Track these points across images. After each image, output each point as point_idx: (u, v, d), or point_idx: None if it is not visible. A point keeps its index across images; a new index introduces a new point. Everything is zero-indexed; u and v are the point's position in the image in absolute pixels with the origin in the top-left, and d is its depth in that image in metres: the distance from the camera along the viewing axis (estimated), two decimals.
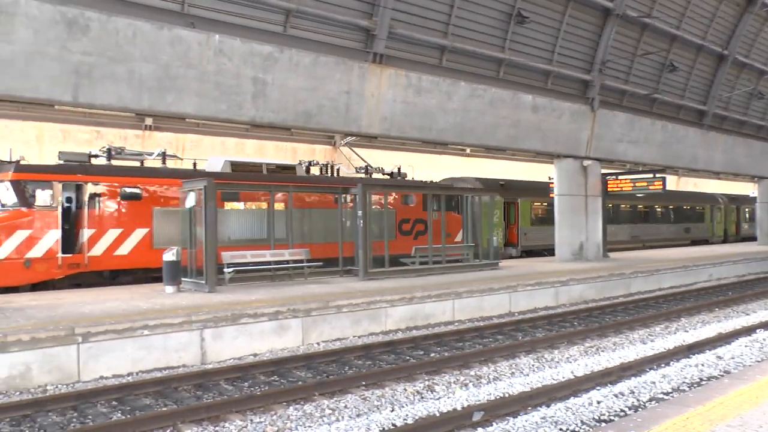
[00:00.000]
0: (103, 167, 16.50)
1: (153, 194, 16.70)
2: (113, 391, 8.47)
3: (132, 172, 16.80)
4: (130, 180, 16.43)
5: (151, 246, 16.39)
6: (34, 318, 10.42)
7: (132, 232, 16.21)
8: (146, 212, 16.47)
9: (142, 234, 16.32)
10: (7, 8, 11.69)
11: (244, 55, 14.56)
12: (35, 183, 15.01)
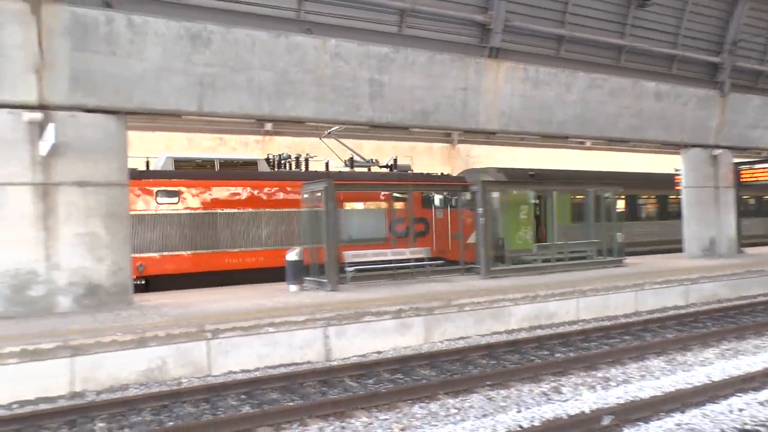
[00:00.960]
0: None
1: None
2: (242, 386, 8.75)
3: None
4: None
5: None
6: (167, 315, 11.01)
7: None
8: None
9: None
10: (139, 28, 12.42)
11: (360, 57, 14.73)
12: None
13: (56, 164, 11.95)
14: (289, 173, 19.21)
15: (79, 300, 12.10)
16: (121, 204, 12.79)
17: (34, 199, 11.78)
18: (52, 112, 11.83)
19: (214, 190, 17.28)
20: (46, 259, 11.84)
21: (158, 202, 16.53)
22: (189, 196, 16.97)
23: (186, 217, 16.81)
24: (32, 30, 11.62)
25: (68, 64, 11.95)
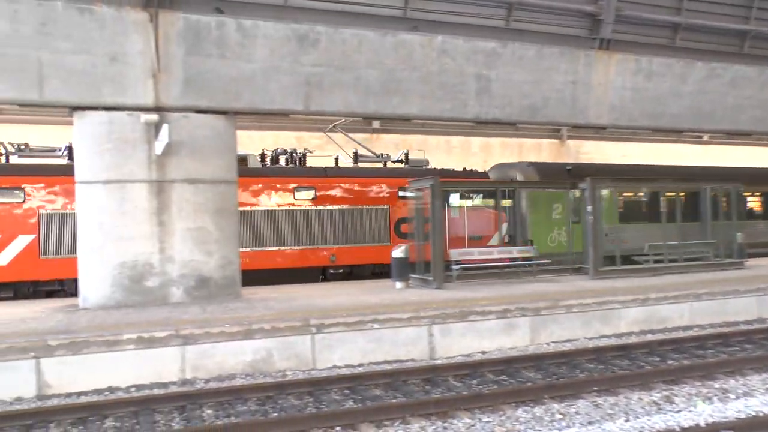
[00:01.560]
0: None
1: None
2: (345, 380, 8.81)
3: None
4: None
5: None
6: (273, 309, 11.28)
7: None
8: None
9: None
10: (248, 32, 12.81)
11: (467, 53, 14.57)
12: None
13: (170, 162, 12.53)
14: (281, 169, 18.42)
15: (190, 291, 12.64)
16: (229, 200, 13.25)
17: (150, 195, 12.40)
18: (167, 113, 12.42)
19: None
20: (160, 252, 12.44)
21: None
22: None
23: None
24: (150, 37, 12.23)
25: (182, 67, 12.51)
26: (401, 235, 18.05)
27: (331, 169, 18.44)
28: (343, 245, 17.76)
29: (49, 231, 15.07)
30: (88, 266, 12.40)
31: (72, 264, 14.33)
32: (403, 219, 18.11)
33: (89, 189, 12.36)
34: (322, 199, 17.65)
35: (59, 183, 15.18)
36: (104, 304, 12.21)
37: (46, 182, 15.18)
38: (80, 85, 11.95)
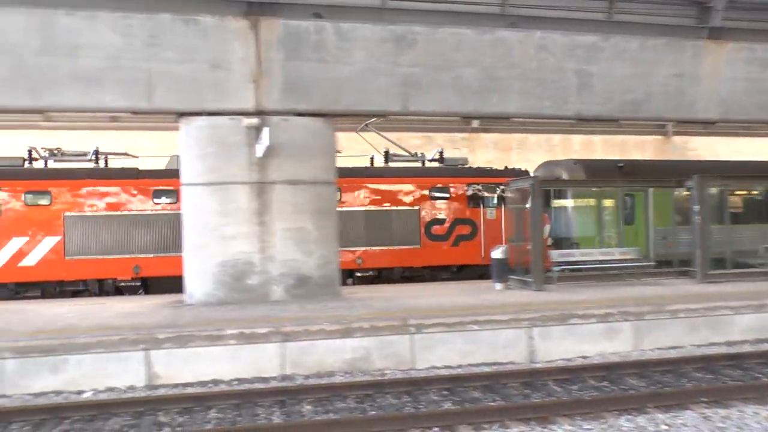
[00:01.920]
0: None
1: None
2: (444, 381, 8.76)
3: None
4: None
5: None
6: (372, 308, 11.37)
7: None
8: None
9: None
10: (346, 35, 13.00)
11: (566, 48, 14.21)
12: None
13: (270, 164, 12.86)
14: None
15: (290, 290, 12.94)
16: (328, 201, 13.49)
17: (251, 196, 12.79)
18: (267, 117, 12.76)
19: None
20: (261, 251, 12.80)
21: (154, 202, 16.51)
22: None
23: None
24: (251, 44, 12.65)
25: (281, 72, 12.84)
26: (432, 238, 17.61)
27: (357, 170, 18.01)
28: (370, 248, 17.47)
29: (74, 232, 15.82)
30: (192, 264, 12.95)
31: (94, 265, 15.93)
32: (435, 220, 17.64)
33: (193, 190, 12.90)
34: (347, 199, 17.37)
35: (84, 186, 15.97)
36: (207, 301, 12.70)
37: (71, 185, 15.92)
38: (185, 92, 12.51)
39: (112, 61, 12.04)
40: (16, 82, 11.84)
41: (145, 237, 16.24)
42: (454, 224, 17.88)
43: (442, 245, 17.53)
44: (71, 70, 11.99)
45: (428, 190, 17.90)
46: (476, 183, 18.08)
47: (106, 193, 16.17)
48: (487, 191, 18.02)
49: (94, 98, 12.26)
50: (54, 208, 15.82)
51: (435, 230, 17.71)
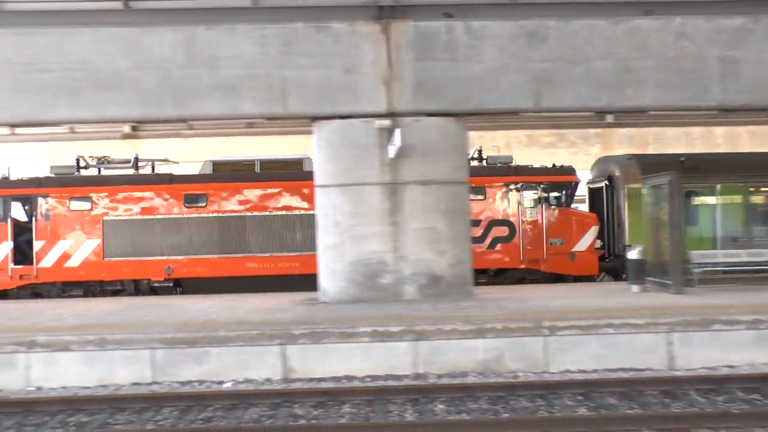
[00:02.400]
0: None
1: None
2: (578, 386, 8.48)
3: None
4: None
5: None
6: (505, 309, 11.23)
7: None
8: None
9: None
10: (477, 33, 12.94)
11: (709, 33, 13.33)
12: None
13: (401, 165, 13.01)
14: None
15: (422, 289, 13.02)
16: (460, 200, 13.47)
17: (383, 197, 12.99)
18: (398, 118, 12.91)
19: (245, 192, 17.13)
20: (393, 251, 12.97)
21: (186, 207, 16.91)
22: (217, 200, 17.01)
23: (213, 220, 16.95)
24: (382, 47, 12.87)
25: (412, 73, 12.97)
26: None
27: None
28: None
29: (112, 235, 16.67)
30: (327, 262, 13.34)
31: (130, 266, 16.79)
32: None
33: (326, 192, 13.30)
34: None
35: (121, 191, 16.83)
36: (340, 299, 13.04)
37: (110, 191, 16.84)
38: (318, 97, 12.94)
39: (249, 70, 12.68)
40: (163, 94, 12.75)
41: (176, 239, 16.91)
42: (489, 226, 17.18)
43: (476, 248, 15.97)
44: (211, 80, 12.75)
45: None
46: (515, 182, 17.35)
47: (141, 198, 17.02)
48: (527, 190, 17.22)
49: (233, 106, 12.97)
50: (94, 213, 16.89)
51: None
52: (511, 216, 17.23)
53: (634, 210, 17.02)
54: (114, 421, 7.70)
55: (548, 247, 17.02)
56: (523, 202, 17.25)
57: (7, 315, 12.70)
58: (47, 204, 16.88)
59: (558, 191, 17.45)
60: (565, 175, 17.85)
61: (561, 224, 17.13)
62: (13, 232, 17.03)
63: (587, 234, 17.19)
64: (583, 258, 16.79)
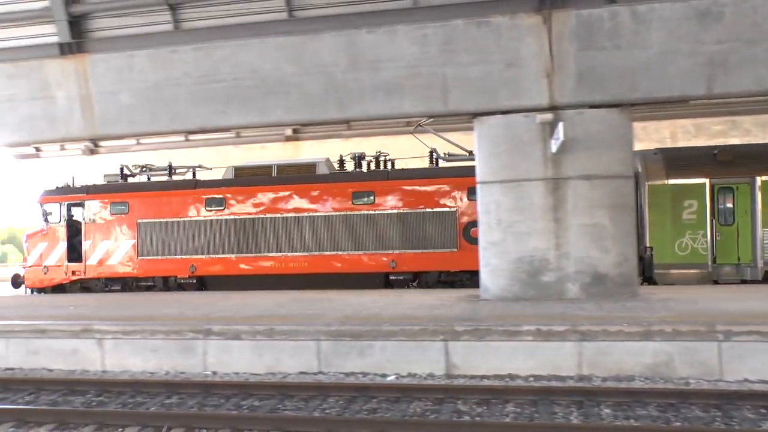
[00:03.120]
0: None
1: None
2: (761, 398, 7.86)
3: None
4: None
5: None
6: (673, 310, 10.63)
7: None
8: None
9: None
10: (643, 17, 12.31)
11: None
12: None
13: (564, 159, 12.71)
14: (344, 174, 18.72)
15: (586, 288, 12.65)
16: (625, 195, 12.93)
17: (546, 192, 12.76)
18: (561, 111, 12.62)
19: (259, 195, 18.25)
20: (556, 248, 12.72)
21: (207, 209, 18.39)
22: (235, 203, 18.29)
23: (231, 222, 18.33)
24: (544, 39, 12.61)
25: (574, 64, 12.61)
26: (471, 241, 16.18)
27: (393, 172, 18.25)
28: (404, 251, 17.36)
29: (144, 236, 18.63)
30: (489, 259, 13.32)
31: (159, 264, 18.78)
32: (474, 223, 15.58)
33: (488, 188, 13.26)
34: (381, 202, 17.54)
35: (152, 196, 18.86)
36: (502, 296, 12.98)
37: (143, 196, 18.96)
38: (479, 93, 12.92)
39: (409, 69, 12.92)
40: (327, 97, 13.32)
41: (199, 240, 18.52)
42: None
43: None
44: (373, 82, 13.12)
45: (467, 191, 16.89)
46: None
47: (169, 201, 18.83)
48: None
49: (394, 106, 13.26)
50: (130, 216, 19.00)
51: (474, 233, 15.90)
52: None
53: (655, 209, 16.11)
54: (283, 407, 8.21)
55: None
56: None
57: (188, 305, 13.89)
58: (93, 209, 19.42)
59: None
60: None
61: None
62: (68, 234, 19.67)
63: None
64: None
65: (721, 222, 15.69)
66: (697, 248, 15.74)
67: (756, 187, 15.47)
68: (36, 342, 11.22)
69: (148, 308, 13.29)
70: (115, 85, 14.11)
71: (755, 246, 15.39)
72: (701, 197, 15.88)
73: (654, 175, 16.36)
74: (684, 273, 15.81)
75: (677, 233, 15.90)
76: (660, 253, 15.96)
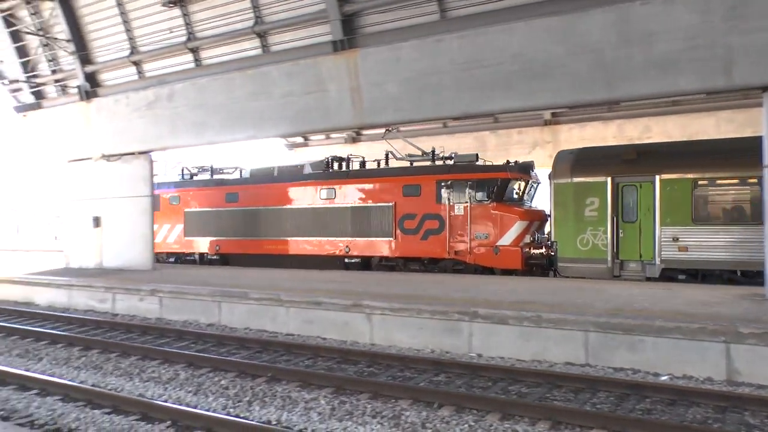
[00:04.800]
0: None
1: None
2: None
3: None
4: None
5: None
6: None
7: None
8: None
9: None
10: None
11: None
12: None
13: None
14: (314, 175, 21.23)
15: None
16: None
17: None
18: None
19: (261, 191, 22.04)
20: None
21: (226, 202, 22.75)
22: (245, 197, 22.31)
23: (242, 212, 22.39)
24: None
25: None
26: (404, 231, 18.90)
27: (353, 172, 20.78)
28: (354, 238, 19.81)
29: (189, 222, 23.55)
30: None
31: (197, 243, 23.50)
32: (407, 215, 18.90)
33: None
34: (340, 197, 20.20)
35: (192, 191, 23.87)
36: None
37: (187, 192, 23.95)
38: None
39: (687, 42, 11.71)
40: (594, 78, 12.55)
41: (221, 226, 22.76)
42: (421, 220, 18.72)
43: (413, 238, 18.93)
44: (645, 58, 12.07)
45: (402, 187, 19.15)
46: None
47: (202, 195, 23.56)
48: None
49: (668, 83, 12.10)
50: (180, 206, 23.92)
51: (407, 224, 19.07)
52: (438, 210, 18.80)
53: (559, 206, 16.83)
54: (551, 397, 8.05)
55: (472, 240, 17.98)
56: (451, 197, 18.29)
57: (451, 287, 14.18)
58: (162, 200, 24.25)
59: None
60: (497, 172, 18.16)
61: (483, 218, 17.87)
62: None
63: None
64: (505, 251, 17.46)
65: (624, 219, 15.99)
66: (597, 244, 16.26)
67: (656, 186, 15.56)
68: (311, 312, 12.30)
69: (411, 287, 13.85)
70: (382, 76, 14.78)
71: (654, 243, 15.56)
72: (603, 195, 16.27)
73: (559, 174, 16.94)
74: (585, 267, 16.36)
75: (579, 229, 16.48)
76: (563, 248, 16.67)
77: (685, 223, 15.27)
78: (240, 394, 8.37)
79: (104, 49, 19.86)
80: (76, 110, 20.81)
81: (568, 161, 17.06)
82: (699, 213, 15.19)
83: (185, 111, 18.19)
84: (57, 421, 7.46)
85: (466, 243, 17.94)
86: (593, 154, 17.23)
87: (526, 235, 17.56)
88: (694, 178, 15.23)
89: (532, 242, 17.61)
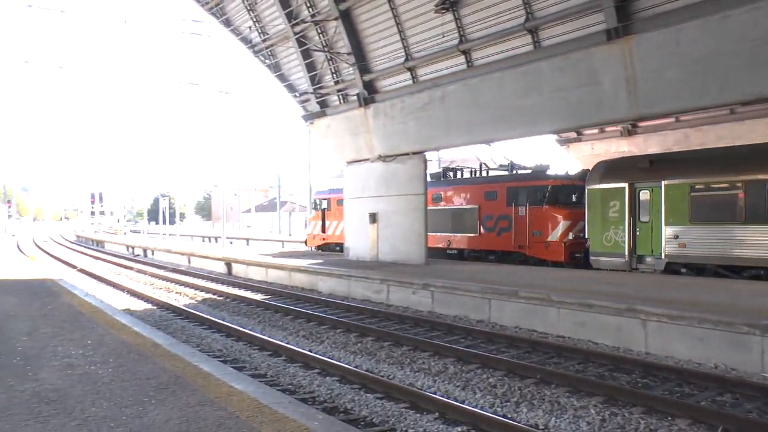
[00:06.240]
0: None
1: None
2: None
3: None
4: None
5: None
6: None
7: None
8: None
9: None
10: None
11: None
12: None
13: None
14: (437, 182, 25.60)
15: None
16: None
17: None
18: None
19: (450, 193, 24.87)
20: None
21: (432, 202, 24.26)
22: (442, 198, 24.91)
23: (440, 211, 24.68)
24: None
25: None
26: (486, 229, 22.83)
27: (453, 180, 25.56)
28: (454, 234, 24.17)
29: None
30: None
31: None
32: (487, 216, 22.85)
33: None
34: (445, 200, 24.67)
35: (341, 199, 26.27)
36: None
37: (340, 198, 26.61)
38: None
39: None
40: None
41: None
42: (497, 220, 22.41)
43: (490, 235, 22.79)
44: None
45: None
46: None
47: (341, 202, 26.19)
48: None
49: None
50: (342, 208, 25.33)
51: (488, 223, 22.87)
52: (508, 212, 22.25)
53: (590, 208, 19.30)
54: None
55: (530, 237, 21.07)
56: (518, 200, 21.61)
57: (736, 293, 12.80)
58: (326, 203, 30.02)
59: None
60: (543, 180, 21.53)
61: (537, 218, 21.00)
62: (321, 216, 30.59)
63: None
64: (555, 246, 20.49)
65: (640, 219, 18.10)
66: (618, 241, 18.51)
67: (662, 190, 17.51)
68: (582, 315, 11.89)
69: (690, 293, 12.72)
70: (659, 62, 13.69)
71: (660, 241, 17.43)
72: (622, 198, 18.51)
73: (592, 181, 19.36)
74: (609, 260, 18.65)
75: (605, 228, 18.77)
76: (593, 244, 19.14)
77: (683, 222, 17.05)
78: (508, 394, 8.38)
79: (381, 58, 21.10)
80: (354, 116, 22.46)
81: (600, 170, 19.65)
82: (695, 214, 16.87)
83: (457, 112, 18.70)
84: (335, 401, 8.14)
85: (526, 238, 21.11)
86: (618, 164, 19.80)
87: (570, 232, 20.40)
88: (691, 183, 16.97)
89: (575, 238, 20.25)
